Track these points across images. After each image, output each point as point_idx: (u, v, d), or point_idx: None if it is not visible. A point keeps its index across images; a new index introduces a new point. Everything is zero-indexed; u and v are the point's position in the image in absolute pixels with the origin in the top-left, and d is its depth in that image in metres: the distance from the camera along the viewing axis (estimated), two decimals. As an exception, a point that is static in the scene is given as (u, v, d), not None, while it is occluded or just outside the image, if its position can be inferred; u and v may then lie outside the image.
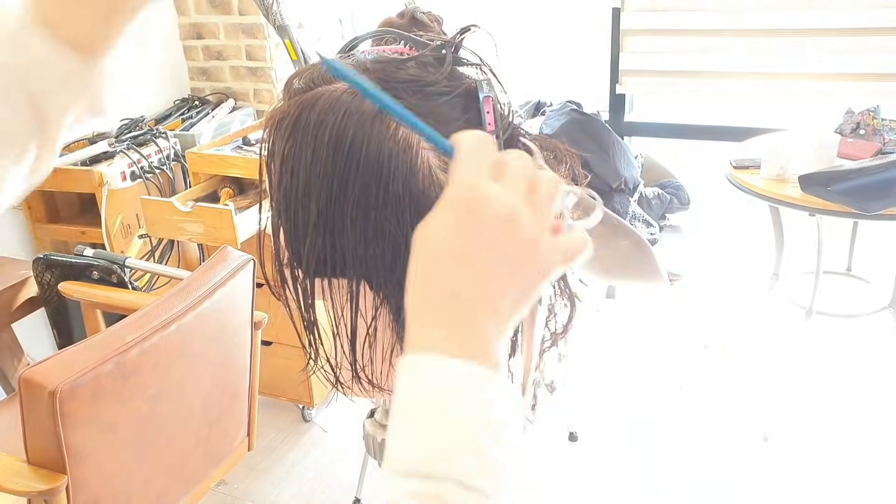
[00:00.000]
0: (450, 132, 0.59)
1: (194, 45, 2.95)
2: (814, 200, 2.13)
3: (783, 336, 2.75)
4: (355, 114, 0.57)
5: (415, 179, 0.57)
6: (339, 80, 0.61)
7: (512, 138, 0.63)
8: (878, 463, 2.29)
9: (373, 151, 0.57)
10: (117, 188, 2.38)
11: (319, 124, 0.58)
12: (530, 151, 0.64)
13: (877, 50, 2.51)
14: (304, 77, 0.64)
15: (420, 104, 0.59)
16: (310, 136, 0.59)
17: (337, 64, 0.52)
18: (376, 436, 0.74)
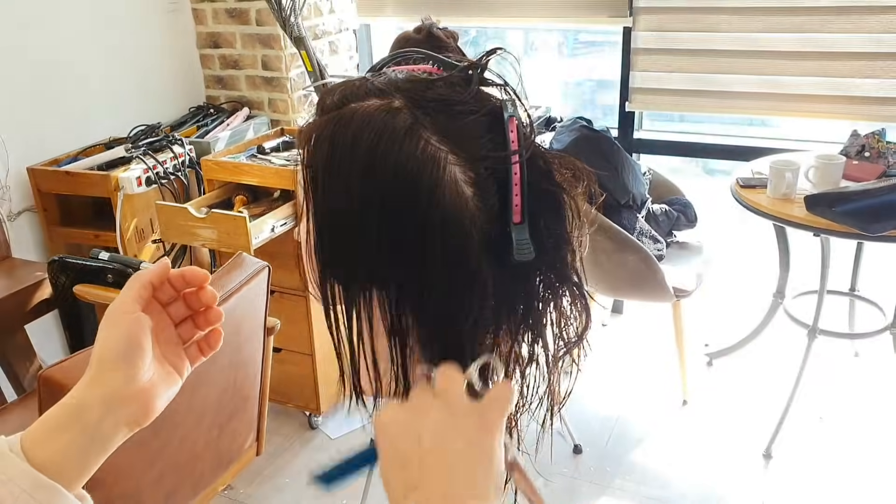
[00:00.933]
0: (475, 149, 0.63)
1: (211, 53, 3.00)
2: (819, 221, 2.16)
3: (787, 354, 2.77)
4: (388, 131, 0.61)
5: (441, 191, 0.60)
6: (371, 97, 0.64)
7: (534, 156, 0.66)
8: (878, 482, 2.31)
9: (402, 166, 0.60)
10: (133, 193, 2.42)
11: (354, 141, 0.62)
12: (550, 169, 0.67)
13: (884, 74, 2.55)
14: (337, 93, 0.67)
15: (448, 122, 0.62)
16: (345, 153, 0.62)
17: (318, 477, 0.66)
18: (381, 437, 0.76)
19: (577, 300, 0.71)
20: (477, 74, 0.66)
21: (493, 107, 0.65)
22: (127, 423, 0.61)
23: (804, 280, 2.81)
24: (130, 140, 2.60)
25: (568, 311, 0.71)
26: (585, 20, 2.89)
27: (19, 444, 0.58)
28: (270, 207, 2.39)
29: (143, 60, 2.79)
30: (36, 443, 0.58)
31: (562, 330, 0.71)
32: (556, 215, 0.67)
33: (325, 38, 3.00)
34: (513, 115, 0.65)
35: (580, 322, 0.72)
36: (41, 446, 0.58)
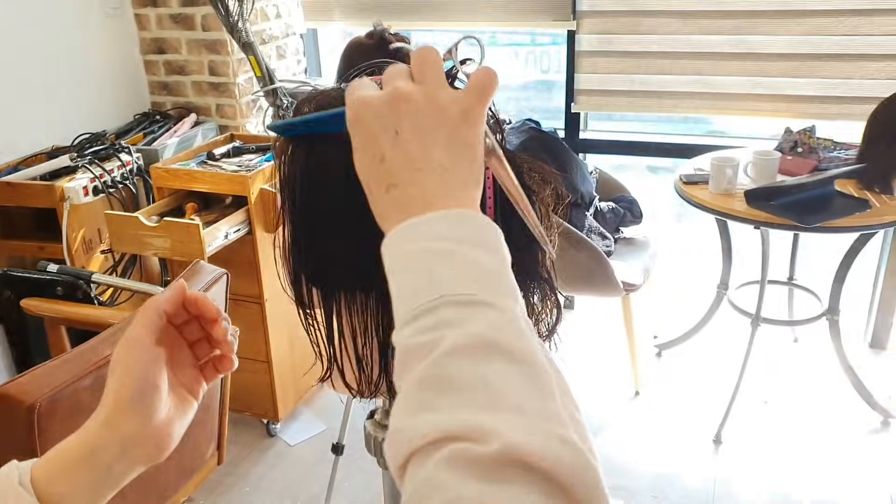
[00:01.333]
0: None
1: (155, 59, 2.96)
2: (758, 214, 2.25)
3: (731, 342, 2.88)
4: None
5: None
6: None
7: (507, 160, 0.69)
8: (819, 459, 2.42)
9: None
10: (79, 203, 2.37)
11: (333, 147, 0.64)
12: (520, 172, 0.71)
13: (814, 74, 2.67)
14: (313, 103, 0.70)
15: None
16: (324, 160, 0.65)
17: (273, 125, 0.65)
18: (377, 435, 0.78)
19: (548, 297, 0.75)
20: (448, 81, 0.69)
21: None
22: (142, 462, 0.61)
23: (745, 271, 2.93)
24: (75, 149, 2.55)
25: (539, 308, 0.75)
26: (530, 24, 2.95)
27: (29, 476, 0.57)
28: (223, 214, 2.37)
29: (83, 67, 2.74)
30: (48, 480, 0.57)
31: (534, 324, 0.75)
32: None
33: (272, 42, 2.99)
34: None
35: (551, 317, 0.76)
36: (53, 484, 0.57)
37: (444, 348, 0.42)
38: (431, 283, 0.45)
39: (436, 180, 0.49)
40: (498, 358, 0.42)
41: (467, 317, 0.43)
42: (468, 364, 0.41)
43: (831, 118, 2.73)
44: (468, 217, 0.49)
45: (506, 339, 0.42)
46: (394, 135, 0.50)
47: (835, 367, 2.63)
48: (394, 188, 0.50)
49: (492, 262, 0.47)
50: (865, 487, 2.31)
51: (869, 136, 2.37)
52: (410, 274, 0.47)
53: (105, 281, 2.11)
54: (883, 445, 2.47)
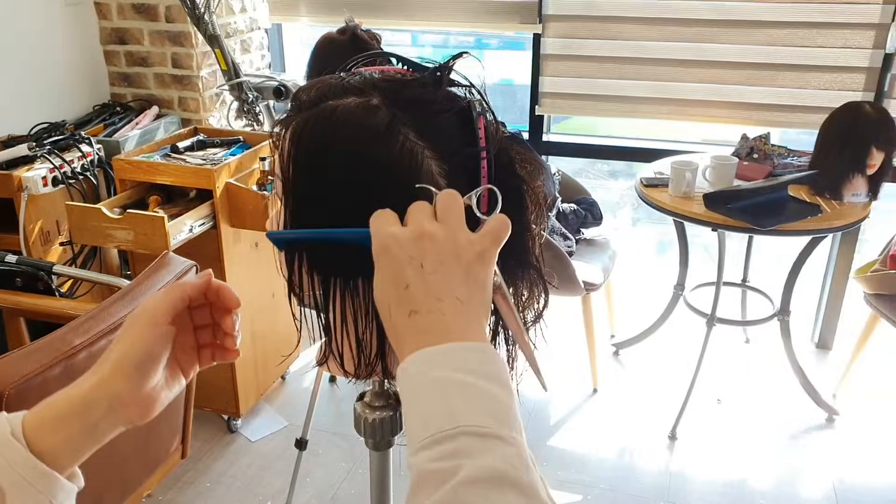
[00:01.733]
0: (448, 145, 0.68)
1: (116, 49, 2.91)
2: (715, 217, 2.32)
3: (687, 342, 2.96)
4: (370, 126, 0.65)
5: (418, 184, 0.65)
6: (348, 95, 0.68)
7: (500, 152, 0.71)
8: (768, 452, 2.50)
9: (384, 161, 0.64)
10: (38, 193, 2.33)
11: (335, 136, 0.65)
12: (513, 163, 0.73)
13: (769, 83, 2.77)
14: (313, 91, 0.71)
15: (423, 119, 0.67)
16: (327, 147, 0.66)
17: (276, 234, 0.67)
18: (367, 416, 0.80)
19: (536, 283, 0.77)
20: (446, 76, 0.71)
21: (462, 106, 0.70)
22: (124, 423, 0.62)
23: (701, 273, 3.01)
24: (33, 138, 2.50)
25: (526, 294, 0.77)
26: (497, 26, 2.99)
27: (21, 427, 0.59)
28: (187, 208, 2.35)
29: (41, 56, 2.68)
30: (39, 431, 0.59)
31: (520, 311, 0.78)
32: (519, 206, 0.72)
33: (236, 36, 2.97)
34: (481, 114, 0.70)
35: (539, 303, 0.78)
36: (44, 436, 0.59)
37: (462, 478, 0.46)
38: (450, 412, 0.50)
39: (454, 311, 0.56)
40: (511, 491, 0.47)
41: (483, 449, 0.48)
42: (484, 496, 0.46)
43: (785, 126, 2.83)
44: (483, 351, 0.54)
45: (517, 473, 0.47)
46: (418, 267, 0.56)
47: (784, 366, 2.72)
48: (415, 314, 0.55)
49: (504, 396, 0.52)
50: (811, 480, 2.40)
51: (820, 144, 2.47)
52: (429, 401, 0.52)
53: (66, 272, 2.07)
54: (827, 441, 2.57)
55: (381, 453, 0.83)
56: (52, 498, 0.58)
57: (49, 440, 0.59)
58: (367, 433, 0.80)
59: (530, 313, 0.78)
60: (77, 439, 0.60)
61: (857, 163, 2.38)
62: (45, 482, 0.58)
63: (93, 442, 0.61)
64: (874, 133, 2.36)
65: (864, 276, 2.56)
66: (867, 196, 2.44)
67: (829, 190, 2.44)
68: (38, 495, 0.57)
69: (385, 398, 0.81)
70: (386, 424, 0.80)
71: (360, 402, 0.81)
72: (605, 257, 2.80)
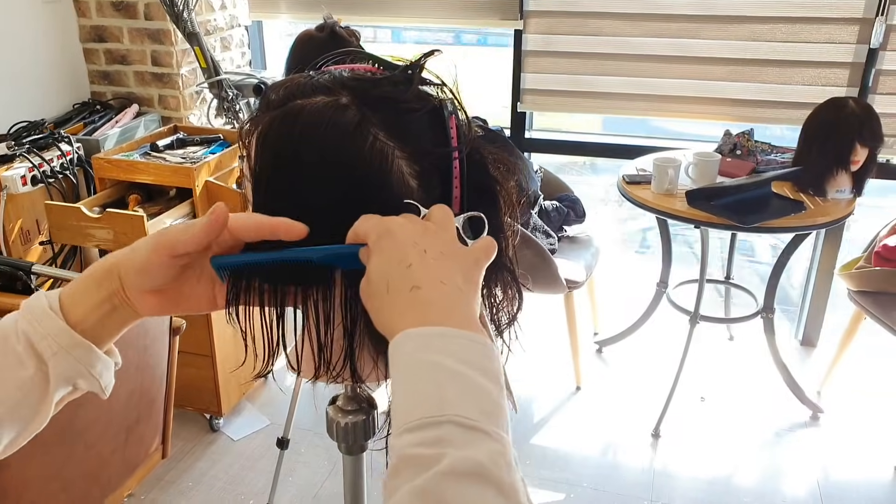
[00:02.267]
0: (419, 145, 0.67)
1: (95, 47, 2.88)
2: (698, 214, 2.32)
3: (670, 340, 2.96)
4: (339, 126, 0.64)
5: (389, 185, 0.64)
6: (317, 94, 0.67)
7: (472, 151, 0.70)
8: (752, 450, 2.51)
9: (353, 160, 0.63)
10: (17, 193, 2.30)
11: (303, 136, 0.64)
12: (486, 163, 0.72)
13: (752, 78, 2.77)
14: (282, 90, 0.69)
15: (393, 119, 0.66)
16: (295, 147, 0.65)
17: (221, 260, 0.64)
18: (339, 420, 0.79)
19: (510, 285, 0.77)
20: (418, 74, 0.70)
21: (434, 105, 0.69)
22: None
23: (684, 270, 3.02)
24: (12, 137, 2.47)
25: (500, 297, 0.77)
26: (477, 22, 2.98)
27: (58, 301, 0.60)
28: (167, 206, 2.33)
29: (20, 54, 2.64)
30: (72, 300, 0.60)
31: (495, 313, 0.77)
32: (492, 206, 0.71)
33: (216, 34, 2.95)
34: (453, 113, 0.69)
35: (513, 306, 0.77)
36: (77, 304, 0.60)
37: (444, 467, 0.46)
38: (440, 399, 0.50)
39: (455, 296, 0.56)
40: (490, 489, 0.46)
41: (469, 441, 0.48)
42: (463, 489, 0.45)
43: (769, 122, 2.84)
44: (483, 344, 0.54)
45: (499, 472, 0.47)
46: (422, 251, 0.57)
47: (768, 363, 2.73)
48: (418, 290, 0.55)
49: (495, 394, 0.52)
50: (795, 477, 2.41)
51: (804, 140, 2.47)
52: (420, 384, 0.51)
53: (46, 272, 2.04)
54: (811, 438, 2.58)
55: (354, 457, 0.82)
56: (90, 368, 0.61)
57: (78, 309, 0.60)
58: (339, 437, 0.79)
59: (505, 316, 0.77)
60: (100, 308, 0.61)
61: (840, 159, 2.38)
62: (82, 351, 0.60)
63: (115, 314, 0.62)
64: (858, 129, 2.36)
65: (849, 272, 2.57)
66: (851, 192, 2.44)
67: (812, 186, 2.44)
68: (76, 364, 0.60)
69: (357, 402, 0.80)
70: (359, 428, 0.79)
71: (332, 406, 0.80)
72: (587, 254, 2.80)
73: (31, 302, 0.61)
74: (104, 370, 0.63)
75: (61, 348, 0.59)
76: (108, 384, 0.64)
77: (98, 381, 0.62)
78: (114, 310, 0.62)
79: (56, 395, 0.60)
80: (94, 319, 0.61)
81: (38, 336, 0.59)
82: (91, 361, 0.61)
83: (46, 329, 0.59)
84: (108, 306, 0.61)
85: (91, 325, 0.61)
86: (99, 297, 0.61)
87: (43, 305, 0.60)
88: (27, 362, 0.58)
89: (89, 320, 0.61)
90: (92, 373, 0.61)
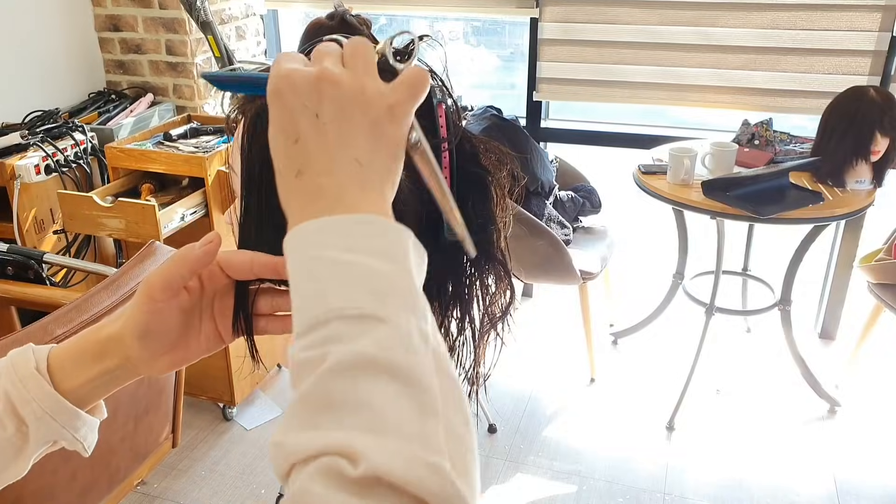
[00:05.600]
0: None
1: (111, 37, 2.89)
2: (715, 205, 2.28)
3: (686, 332, 2.93)
4: None
5: None
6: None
7: (462, 141, 0.69)
8: (768, 444, 2.48)
9: None
10: (31, 182, 2.31)
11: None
12: (477, 153, 0.71)
13: (771, 67, 2.72)
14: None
15: None
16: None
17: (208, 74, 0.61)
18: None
19: (502, 278, 0.75)
20: (407, 60, 0.68)
21: None
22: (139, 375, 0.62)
23: (701, 261, 2.98)
24: (26, 126, 2.48)
25: (493, 289, 0.75)
26: (493, 10, 2.95)
27: (46, 363, 0.59)
28: (179, 196, 2.33)
29: (35, 43, 2.66)
30: (62, 370, 0.59)
31: (487, 306, 0.75)
32: (483, 197, 0.69)
33: (231, 23, 2.94)
34: (441, 102, 0.67)
35: (504, 299, 0.76)
36: (66, 375, 0.59)
37: (328, 365, 0.41)
38: (324, 295, 0.44)
39: (349, 174, 0.48)
40: (382, 377, 0.41)
41: (356, 333, 0.43)
42: (350, 383, 0.41)
43: (788, 111, 2.78)
44: (371, 223, 0.47)
45: (392, 357, 0.42)
46: (313, 117, 0.48)
47: (785, 356, 2.69)
48: (302, 175, 0.48)
49: (390, 272, 0.45)
50: (811, 472, 2.37)
51: (823, 130, 2.42)
52: (307, 283, 0.46)
53: (57, 261, 2.06)
54: (829, 432, 2.54)
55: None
56: (73, 431, 0.59)
57: (70, 379, 0.59)
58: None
59: (497, 308, 0.76)
60: (97, 380, 0.59)
61: (860, 149, 2.33)
62: (67, 416, 0.58)
63: (112, 383, 0.61)
64: (879, 118, 2.31)
65: (869, 265, 2.52)
66: (871, 183, 2.39)
67: (831, 177, 2.39)
68: (59, 429, 0.58)
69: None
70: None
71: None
72: (602, 246, 2.77)
73: (17, 360, 0.59)
74: (88, 432, 0.61)
75: (45, 414, 0.57)
76: (90, 444, 0.62)
77: (81, 444, 0.61)
78: (113, 380, 0.60)
79: (34, 456, 0.59)
80: (87, 390, 0.59)
81: (22, 400, 0.57)
82: (76, 426, 0.59)
83: (32, 393, 0.57)
84: (106, 378, 0.60)
85: (83, 394, 0.59)
86: (95, 372, 0.59)
87: (30, 366, 0.58)
88: (6, 423, 0.57)
89: (82, 391, 0.59)
90: (76, 436, 0.60)
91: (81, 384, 0.59)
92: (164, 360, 0.60)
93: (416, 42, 0.58)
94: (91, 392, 0.60)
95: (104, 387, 0.60)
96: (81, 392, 0.59)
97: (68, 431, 0.59)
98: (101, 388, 0.60)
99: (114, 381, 0.60)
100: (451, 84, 0.70)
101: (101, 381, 0.59)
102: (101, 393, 0.61)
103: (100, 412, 0.63)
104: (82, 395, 0.59)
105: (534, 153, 2.67)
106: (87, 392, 0.59)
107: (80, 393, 0.59)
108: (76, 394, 0.59)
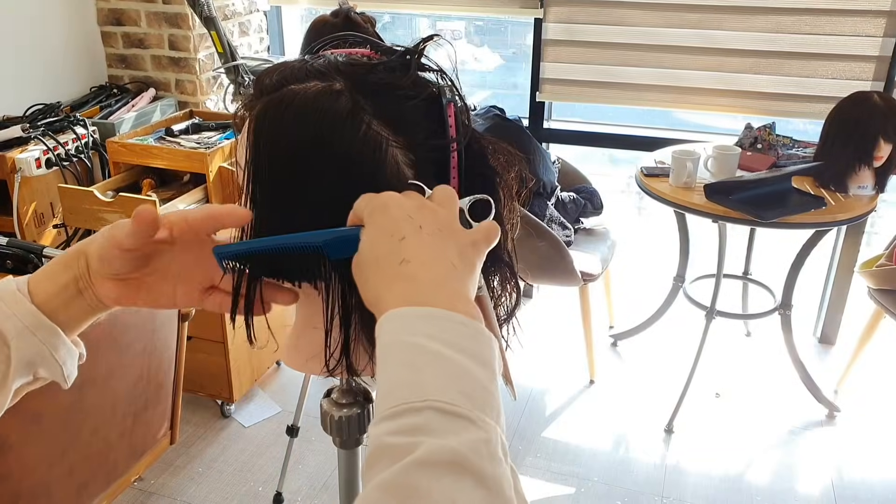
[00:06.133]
0: (415, 134, 0.65)
1: (113, 31, 2.88)
2: (716, 208, 2.28)
3: (686, 335, 2.92)
4: (330, 113, 0.62)
5: (382, 174, 0.62)
6: (311, 79, 0.65)
7: (470, 141, 0.68)
8: (766, 448, 2.47)
9: (345, 149, 0.61)
10: (31, 175, 2.31)
11: (295, 123, 0.62)
12: (485, 153, 0.70)
13: (774, 71, 2.72)
14: (276, 74, 0.67)
15: (388, 106, 0.64)
16: (287, 135, 0.63)
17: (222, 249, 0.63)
18: (333, 414, 0.78)
19: (508, 280, 0.74)
20: (415, 60, 0.68)
21: (431, 92, 0.66)
22: None
23: (702, 264, 2.97)
24: (27, 119, 2.47)
25: (499, 291, 0.74)
26: (497, 10, 2.94)
27: (27, 284, 0.61)
28: (180, 191, 2.33)
29: (37, 36, 2.65)
30: (38, 282, 0.61)
31: (494, 307, 0.74)
32: (491, 197, 0.69)
33: (234, 18, 2.94)
34: (451, 101, 0.67)
35: (510, 300, 0.75)
36: (42, 286, 0.61)
37: (417, 457, 0.42)
38: (419, 384, 0.46)
39: (447, 272, 0.53)
40: (467, 480, 0.42)
41: (448, 429, 0.44)
42: (436, 480, 0.41)
43: (791, 116, 2.78)
44: (468, 325, 0.50)
45: (479, 461, 0.43)
46: (417, 227, 0.54)
47: (785, 361, 2.69)
48: (407, 263, 0.53)
49: (482, 377, 0.48)
50: (809, 476, 2.37)
51: (826, 135, 2.42)
52: (398, 367, 0.48)
53: (57, 255, 2.05)
54: (827, 437, 2.54)
55: (349, 452, 0.81)
56: (53, 350, 0.60)
57: (44, 292, 0.61)
58: (333, 431, 0.77)
59: (502, 310, 0.75)
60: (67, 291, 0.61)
61: (863, 154, 2.33)
62: (46, 332, 0.60)
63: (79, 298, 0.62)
64: (882, 124, 2.30)
65: (869, 270, 2.52)
66: (874, 189, 2.39)
67: (833, 182, 2.39)
68: (39, 345, 0.59)
69: (352, 395, 0.78)
70: (353, 422, 0.77)
71: (327, 399, 0.78)
72: (604, 247, 2.77)
73: (0, 285, 0.61)
74: (68, 357, 0.62)
75: (25, 328, 0.59)
76: (70, 374, 0.63)
77: (60, 368, 0.61)
78: (79, 293, 0.62)
79: (15, 383, 0.60)
80: (58, 302, 0.61)
81: (3, 316, 0.59)
82: (55, 344, 0.60)
83: (12, 309, 0.59)
84: (73, 289, 0.61)
85: (56, 306, 0.61)
86: (64, 280, 0.61)
87: (11, 288, 0.60)
88: None
89: (54, 302, 0.61)
90: (55, 356, 0.61)
91: (53, 294, 0.60)
92: (112, 287, 0.61)
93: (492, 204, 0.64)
94: (62, 305, 0.61)
95: (73, 301, 0.61)
96: (54, 304, 0.60)
97: (47, 349, 0.60)
98: (70, 302, 0.61)
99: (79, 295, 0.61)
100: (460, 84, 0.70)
101: (70, 293, 0.61)
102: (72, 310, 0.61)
103: (79, 346, 0.64)
104: (55, 307, 0.60)
105: (536, 154, 2.67)
106: (59, 304, 0.61)
107: (53, 304, 0.60)
108: (49, 305, 0.60)
